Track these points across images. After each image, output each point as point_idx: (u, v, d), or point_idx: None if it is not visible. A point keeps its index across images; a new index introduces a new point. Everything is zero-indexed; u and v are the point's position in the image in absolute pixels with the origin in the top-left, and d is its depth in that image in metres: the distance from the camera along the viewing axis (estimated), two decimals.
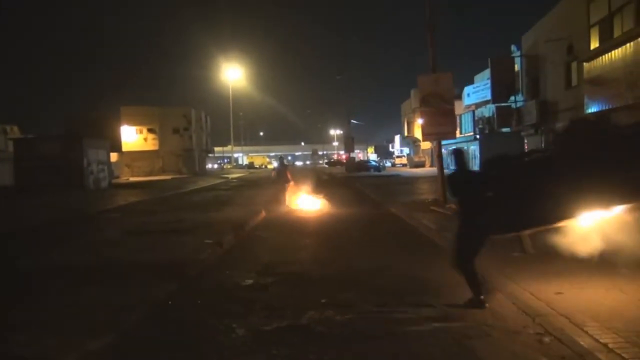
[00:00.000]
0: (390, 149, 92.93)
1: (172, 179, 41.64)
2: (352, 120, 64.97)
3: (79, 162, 26.61)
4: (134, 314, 5.11)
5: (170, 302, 5.63)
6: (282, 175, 16.49)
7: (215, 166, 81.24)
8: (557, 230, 5.53)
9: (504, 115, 27.87)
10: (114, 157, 41.35)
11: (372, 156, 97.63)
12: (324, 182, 28.56)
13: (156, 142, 53.35)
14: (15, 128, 40.74)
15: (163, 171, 52.19)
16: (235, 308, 5.35)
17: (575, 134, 5.46)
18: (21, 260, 7.89)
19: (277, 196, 16.10)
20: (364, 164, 51.35)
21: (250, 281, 6.59)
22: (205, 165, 64.91)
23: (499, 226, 5.09)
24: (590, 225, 5.42)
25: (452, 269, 5.09)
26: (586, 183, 4.92)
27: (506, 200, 5.13)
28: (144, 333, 4.72)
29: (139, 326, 4.87)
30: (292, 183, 16.10)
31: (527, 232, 5.44)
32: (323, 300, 5.48)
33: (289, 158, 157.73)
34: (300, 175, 22.47)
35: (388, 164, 71.50)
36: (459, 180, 5.04)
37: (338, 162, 78.37)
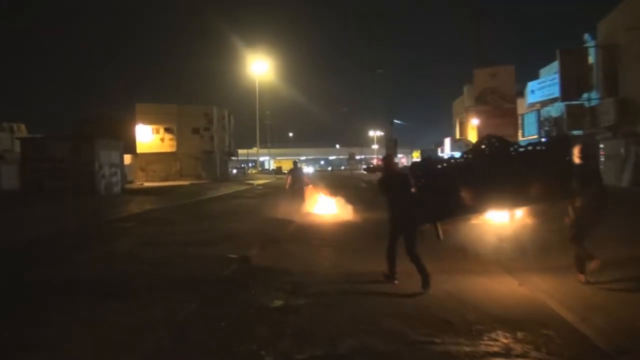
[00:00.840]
0: (439, 154, 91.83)
1: (190, 184, 42.45)
2: (394, 120, 64.88)
3: (90, 165, 27.49)
4: (150, 337, 5.21)
5: (189, 324, 5.71)
6: (298, 182, 16.91)
7: (234, 171, 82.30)
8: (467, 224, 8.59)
9: (575, 115, 27.18)
10: (127, 159, 42.52)
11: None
12: (361, 191, 28.48)
13: (174, 143, 54.59)
14: (23, 127, 42.40)
15: (181, 175, 53.26)
16: (263, 332, 5.38)
17: (486, 147, 7.51)
18: (24, 275, 8.18)
19: (300, 205, 16.50)
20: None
21: (279, 302, 6.62)
22: (227, 169, 65.96)
23: (424, 217, 7.27)
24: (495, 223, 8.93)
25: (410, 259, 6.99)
26: (491, 188, 7.17)
27: (429, 196, 7.28)
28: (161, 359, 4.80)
29: (155, 351, 4.95)
30: (309, 187, 16.53)
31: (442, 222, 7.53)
32: (363, 327, 5.44)
33: (322, 163, 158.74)
34: (333, 182, 22.42)
35: None
36: (385, 183, 7.31)
37: (378, 168, 78.03)
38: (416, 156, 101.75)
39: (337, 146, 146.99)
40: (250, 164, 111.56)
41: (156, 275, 7.87)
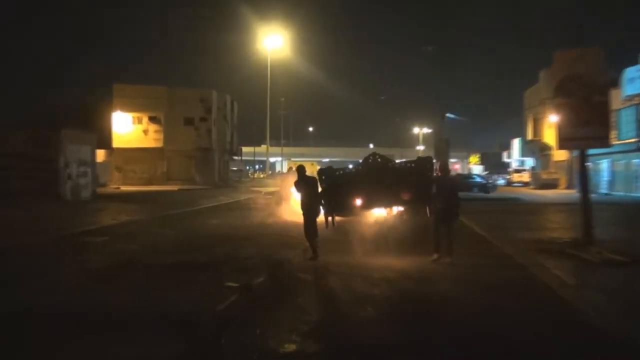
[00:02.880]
0: (505, 159, 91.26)
1: (179, 190, 42.79)
2: (447, 114, 64.42)
3: (54, 163, 27.90)
4: None
5: None
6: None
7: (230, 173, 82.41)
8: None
9: None
10: (100, 155, 43.09)
11: (477, 169, 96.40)
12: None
13: (160, 136, 54.99)
14: None
15: (168, 179, 53.65)
16: None
17: (372, 161, 14.06)
18: None
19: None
20: (464, 181, 50.43)
21: (291, 347, 6.61)
22: (228, 172, 66.20)
23: (325, 211, 13.05)
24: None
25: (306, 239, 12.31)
26: (375, 191, 13.28)
27: (330, 195, 13.05)
28: None
29: None
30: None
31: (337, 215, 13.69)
32: None
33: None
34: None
35: (501, 181, 70.20)
36: (299, 184, 12.48)
37: None
38: (474, 161, 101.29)
39: (371, 146, 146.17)
40: (257, 166, 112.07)
41: (131, 307, 7.92)
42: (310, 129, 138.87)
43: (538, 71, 55.98)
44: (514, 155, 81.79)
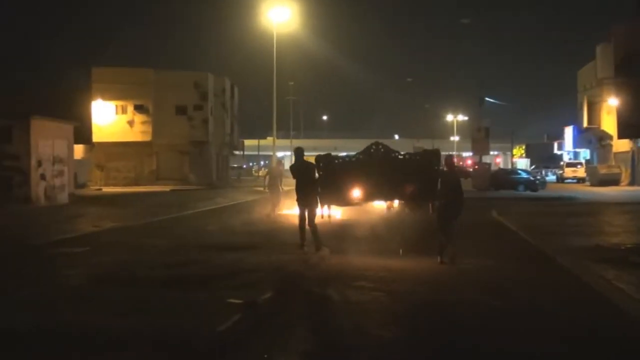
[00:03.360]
0: (555, 151, 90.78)
1: (171, 192, 42.93)
2: (486, 99, 64.16)
3: (24, 160, 28.00)
4: None
5: None
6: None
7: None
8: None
9: None
10: (78, 152, 43.27)
11: (522, 162, 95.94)
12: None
13: (148, 128, 55.11)
14: None
15: (157, 178, 53.85)
16: None
17: (374, 152, 14.87)
18: None
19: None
20: (508, 177, 50.25)
21: None
22: (227, 169, 66.31)
23: (322, 200, 14.51)
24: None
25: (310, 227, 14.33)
26: (375, 183, 14.37)
27: (326, 183, 14.41)
28: None
29: None
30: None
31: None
32: None
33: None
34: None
35: (550, 176, 69.85)
36: (295, 168, 14.69)
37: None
38: (519, 154, 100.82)
39: (396, 137, 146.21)
40: (263, 162, 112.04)
41: (117, 329, 7.95)
42: (324, 117, 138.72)
43: (594, 46, 55.57)
44: (567, 146, 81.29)
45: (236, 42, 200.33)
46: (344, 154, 21.14)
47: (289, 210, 22.44)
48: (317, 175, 14.63)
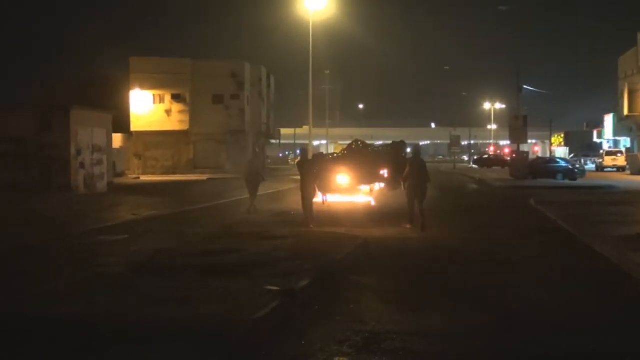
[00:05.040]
0: (595, 139, 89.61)
1: (208, 180, 43.15)
2: (524, 86, 63.48)
3: (64, 149, 28.35)
4: None
5: None
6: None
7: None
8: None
9: None
10: (116, 140, 43.72)
11: (560, 151, 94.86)
12: (468, 195, 27.92)
13: (185, 117, 55.51)
14: None
15: (194, 167, 54.18)
16: None
17: (354, 147, 20.21)
18: None
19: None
20: (546, 165, 49.70)
21: None
22: (264, 158, 66.49)
23: (318, 188, 19.08)
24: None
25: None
26: (358, 170, 19.10)
27: (321, 175, 18.91)
28: None
29: None
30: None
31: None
32: None
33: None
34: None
35: (590, 165, 68.95)
36: (300, 166, 18.80)
37: (496, 160, 76.88)
38: (558, 142, 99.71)
39: (433, 125, 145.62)
40: (298, 151, 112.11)
41: (155, 316, 8.00)
42: (361, 106, 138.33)
43: (636, 33, 54.72)
44: (607, 134, 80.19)
45: (272, 30, 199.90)
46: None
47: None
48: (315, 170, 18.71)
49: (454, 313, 8.58)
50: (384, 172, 19.09)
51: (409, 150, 20.29)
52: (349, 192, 19.83)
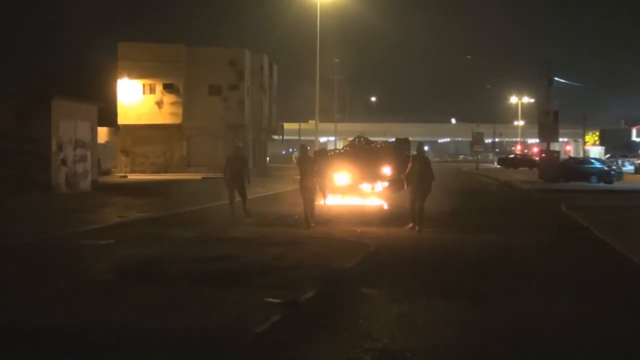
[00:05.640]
0: (634, 138, 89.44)
1: (203, 180, 43.13)
2: (555, 78, 63.33)
3: (43, 144, 28.35)
4: None
5: None
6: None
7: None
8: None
9: None
10: (102, 135, 43.74)
11: (595, 151, 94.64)
12: (490, 199, 27.89)
13: (178, 109, 55.43)
14: None
15: (188, 165, 54.13)
16: None
17: (356, 144, 21.80)
18: None
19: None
20: (579, 167, 49.58)
21: None
22: (265, 155, 66.45)
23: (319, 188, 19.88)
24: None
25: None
26: (360, 169, 20.45)
27: (325, 171, 19.81)
28: None
29: None
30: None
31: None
32: None
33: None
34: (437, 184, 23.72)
35: (628, 167, 68.80)
36: (300, 163, 19.58)
37: (523, 160, 76.76)
38: (593, 140, 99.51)
39: (453, 121, 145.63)
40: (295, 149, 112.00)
41: (144, 328, 8.03)
42: (373, 98, 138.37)
43: None
44: None
45: (275, 16, 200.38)
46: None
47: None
48: (316, 167, 19.28)
49: (475, 328, 8.60)
50: (387, 171, 20.37)
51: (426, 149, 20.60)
52: (355, 193, 20.94)
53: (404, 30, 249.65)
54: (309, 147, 21.21)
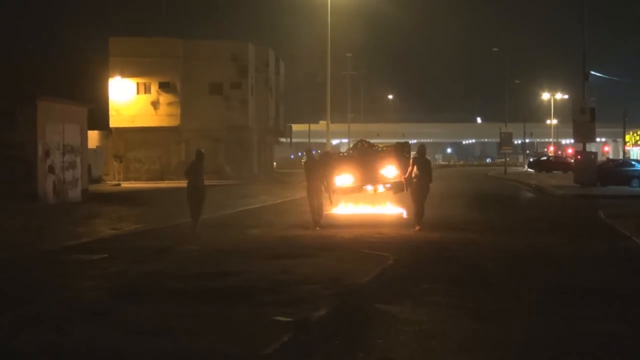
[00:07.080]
0: None
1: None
2: (592, 72, 63.18)
3: (29, 150, 28.37)
4: None
5: None
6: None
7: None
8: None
9: None
10: (92, 139, 43.79)
11: (637, 152, 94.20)
12: (522, 207, 27.72)
13: (176, 110, 55.36)
14: None
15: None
16: None
17: (359, 148, 23.32)
18: None
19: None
20: (618, 169, 49.34)
21: None
22: (272, 160, 66.24)
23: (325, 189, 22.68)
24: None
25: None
26: (364, 170, 22.16)
27: (330, 174, 22.16)
28: None
29: None
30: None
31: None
32: None
33: (449, 151, 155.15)
34: (456, 189, 23.41)
35: None
36: (307, 167, 23.18)
37: (556, 163, 76.47)
38: (634, 140, 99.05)
39: (479, 120, 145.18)
40: (314, 152, 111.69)
41: (142, 351, 8.05)
42: (390, 96, 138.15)
43: None
44: None
45: (283, 8, 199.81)
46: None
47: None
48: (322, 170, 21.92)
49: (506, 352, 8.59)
50: (389, 173, 21.87)
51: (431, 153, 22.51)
52: (369, 202, 23.11)
53: (425, 22, 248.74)
54: (319, 151, 21.64)
